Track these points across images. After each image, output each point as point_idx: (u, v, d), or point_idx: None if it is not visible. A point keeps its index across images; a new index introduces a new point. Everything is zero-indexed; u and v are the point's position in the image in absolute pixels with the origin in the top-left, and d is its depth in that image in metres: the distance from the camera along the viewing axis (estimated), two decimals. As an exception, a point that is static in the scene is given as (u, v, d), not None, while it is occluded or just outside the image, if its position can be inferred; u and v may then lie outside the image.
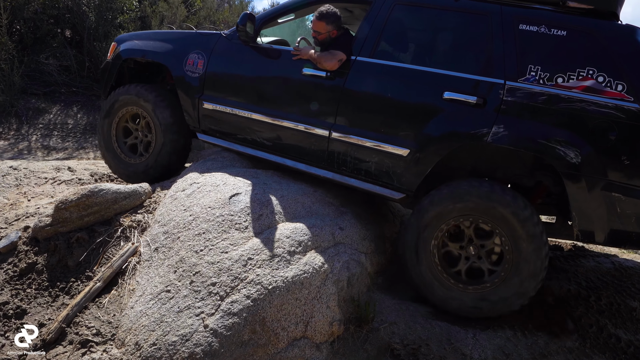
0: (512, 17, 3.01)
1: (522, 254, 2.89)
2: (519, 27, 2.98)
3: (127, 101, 4.23)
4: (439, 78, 3.13)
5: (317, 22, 3.53)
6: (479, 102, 2.99)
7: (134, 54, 4.26)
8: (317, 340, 2.63)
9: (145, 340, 2.49)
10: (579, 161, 2.77)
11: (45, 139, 7.07)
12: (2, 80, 7.11)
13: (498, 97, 2.96)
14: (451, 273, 3.10)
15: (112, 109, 4.31)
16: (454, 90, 3.05)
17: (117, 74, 4.42)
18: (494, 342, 2.86)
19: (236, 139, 3.91)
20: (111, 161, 4.36)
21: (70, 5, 8.17)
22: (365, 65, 3.36)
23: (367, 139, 3.31)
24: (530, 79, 2.91)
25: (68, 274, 3.10)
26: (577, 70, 2.82)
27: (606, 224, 2.81)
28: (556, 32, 2.90)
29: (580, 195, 2.81)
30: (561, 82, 2.85)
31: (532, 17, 2.98)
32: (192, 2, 10.38)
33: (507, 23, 3.02)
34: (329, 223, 3.16)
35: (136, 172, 4.19)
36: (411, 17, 3.47)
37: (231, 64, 3.89)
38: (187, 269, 2.75)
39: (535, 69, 2.91)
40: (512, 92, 2.93)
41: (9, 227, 3.49)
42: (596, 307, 3.26)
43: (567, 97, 2.82)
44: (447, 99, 3.06)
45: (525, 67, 2.93)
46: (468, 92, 3.03)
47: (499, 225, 2.93)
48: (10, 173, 4.67)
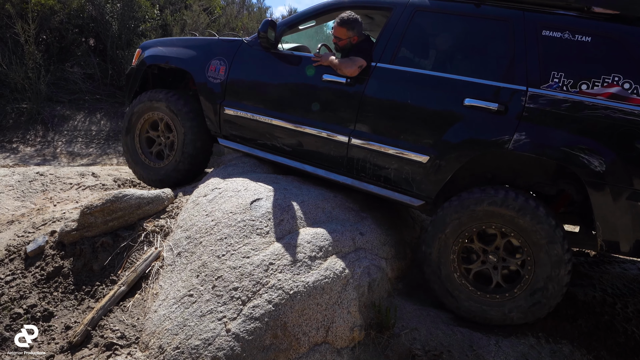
0: (535, 23, 2.97)
1: (541, 261, 2.83)
2: (542, 33, 2.93)
3: (142, 109, 4.32)
4: (459, 85, 3.10)
5: (338, 28, 3.55)
6: (501, 109, 2.94)
7: (157, 60, 4.35)
8: (338, 346, 2.63)
9: (168, 344, 2.52)
10: (604, 170, 2.69)
11: (70, 145, 7.23)
12: (29, 88, 7.31)
13: (520, 104, 2.91)
14: (472, 281, 3.05)
15: (130, 123, 4.42)
16: (475, 97, 3.01)
17: (141, 80, 4.51)
18: (517, 349, 2.82)
19: (257, 145, 3.94)
20: (142, 172, 4.45)
21: (94, 15, 8.37)
22: (385, 72, 3.35)
23: (386, 146, 3.30)
24: (554, 85, 2.85)
25: (93, 277, 3.16)
26: (602, 76, 2.75)
27: (632, 234, 2.72)
28: (580, 37, 2.84)
29: (605, 205, 2.73)
30: (585, 89, 2.79)
31: (555, 23, 2.92)
32: (212, 10, 10.52)
33: (529, 29, 2.97)
34: (349, 228, 3.17)
35: (167, 173, 4.27)
36: (432, 23, 3.45)
37: (252, 70, 3.93)
38: (210, 273, 2.78)
39: (559, 76, 2.85)
40: (534, 99, 2.88)
41: (37, 231, 3.58)
42: (622, 315, 3.19)
43: (592, 104, 2.75)
44: (468, 106, 3.02)
45: (548, 74, 2.87)
46: (489, 98, 2.98)
47: (520, 234, 2.87)
48: (37, 179, 4.78)
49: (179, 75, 4.65)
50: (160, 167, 4.34)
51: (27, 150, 6.87)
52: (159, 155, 4.43)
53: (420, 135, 3.20)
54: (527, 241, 2.86)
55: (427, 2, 3.37)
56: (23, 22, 7.28)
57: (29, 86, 7.31)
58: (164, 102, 4.18)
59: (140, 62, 4.47)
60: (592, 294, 3.34)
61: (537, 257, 2.85)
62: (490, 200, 2.91)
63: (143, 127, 4.40)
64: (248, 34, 10.04)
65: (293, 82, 3.75)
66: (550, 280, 2.83)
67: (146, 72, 4.50)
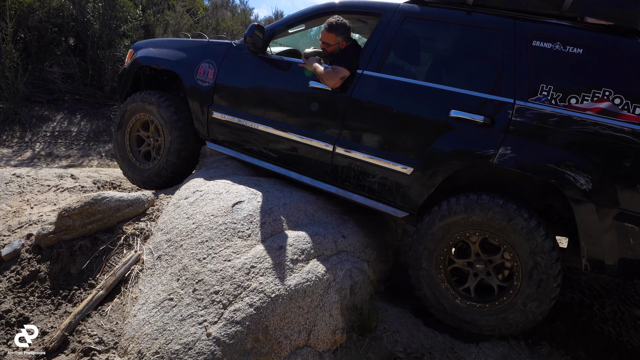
0: (525, 33, 2.87)
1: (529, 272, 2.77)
2: (532, 43, 2.84)
3: (135, 108, 4.30)
4: (445, 95, 3.03)
5: (327, 34, 3.49)
6: (487, 121, 2.86)
7: (149, 62, 4.31)
8: (320, 349, 2.63)
9: (148, 349, 2.48)
10: (590, 188, 2.61)
11: (48, 146, 7.10)
12: (6, 88, 7.16)
13: (506, 117, 2.82)
14: (459, 291, 3.01)
15: (122, 120, 4.41)
16: (461, 109, 2.94)
17: (133, 80, 4.48)
18: (497, 351, 2.85)
19: (243, 149, 3.91)
20: (127, 170, 4.45)
21: (74, 14, 8.24)
22: (371, 80, 3.28)
23: (370, 155, 3.25)
24: (542, 99, 2.77)
25: (71, 281, 3.10)
26: (592, 91, 2.66)
27: (617, 255, 2.64)
28: (572, 49, 2.74)
29: (590, 224, 2.65)
30: (575, 103, 2.69)
31: (546, 34, 2.83)
32: (196, 10, 10.45)
33: (519, 39, 2.88)
34: (331, 231, 3.17)
35: (150, 177, 4.27)
36: (420, 31, 3.39)
37: (240, 74, 3.88)
38: (190, 277, 2.75)
39: (548, 89, 2.76)
40: (521, 112, 2.79)
41: (12, 234, 3.50)
42: (600, 316, 3.24)
43: (580, 120, 2.66)
44: (454, 117, 2.95)
45: (537, 86, 2.79)
46: (475, 110, 2.91)
47: (505, 240, 2.81)
48: (14, 180, 4.68)
49: (172, 76, 4.61)
50: (145, 168, 4.34)
51: (4, 152, 6.72)
52: (146, 156, 4.42)
53: (405, 146, 3.14)
54: (517, 251, 2.79)
55: (417, 9, 3.29)
56: (0, 21, 7.13)
57: (5, 86, 7.16)
58: (155, 105, 4.15)
59: (132, 62, 4.43)
60: (570, 296, 3.39)
61: (525, 268, 2.78)
62: (480, 208, 2.85)
63: (134, 125, 4.39)
64: (232, 36, 9.99)
65: (280, 87, 3.70)
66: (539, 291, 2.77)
67: (138, 72, 4.46)
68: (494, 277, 2.95)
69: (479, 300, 2.96)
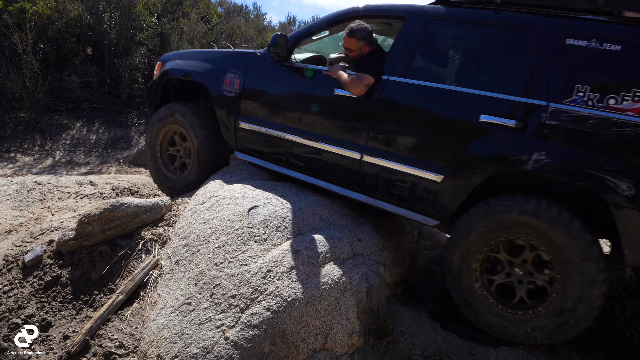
0: (558, 31, 2.73)
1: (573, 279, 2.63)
2: (565, 42, 2.69)
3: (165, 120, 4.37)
4: (475, 99, 2.91)
5: (348, 39, 3.43)
6: (519, 125, 2.74)
7: (177, 74, 4.36)
8: (337, 352, 2.63)
9: (167, 353, 2.52)
10: (633, 194, 2.46)
11: (68, 154, 7.24)
12: (27, 98, 7.33)
13: (540, 120, 2.70)
14: (499, 298, 2.89)
15: (153, 131, 4.49)
16: (491, 113, 2.82)
17: (162, 92, 4.55)
18: (516, 354, 2.81)
19: (271, 159, 3.89)
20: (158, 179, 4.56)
21: (92, 24, 8.41)
22: (397, 86, 3.20)
23: (398, 163, 3.16)
24: (578, 100, 2.62)
25: (91, 287, 3.16)
26: (633, 90, 2.50)
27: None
28: (609, 46, 2.58)
29: (634, 231, 2.50)
30: (613, 104, 2.54)
31: (581, 31, 2.67)
32: (210, 18, 10.57)
33: (552, 38, 2.74)
34: (347, 234, 3.17)
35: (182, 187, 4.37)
36: (447, 33, 3.28)
37: (265, 83, 3.87)
38: (208, 281, 2.78)
39: (584, 90, 2.61)
40: (556, 115, 2.66)
41: (34, 241, 3.58)
42: (621, 318, 3.19)
43: (620, 121, 2.50)
44: (484, 122, 2.83)
45: (571, 88, 2.64)
46: (506, 115, 2.78)
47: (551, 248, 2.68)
48: (35, 188, 4.79)
49: (199, 86, 4.65)
50: (177, 179, 4.42)
51: (25, 160, 6.88)
52: (178, 166, 4.50)
53: (434, 153, 3.04)
54: (558, 257, 2.67)
55: (442, 10, 3.19)
56: (21, 32, 7.31)
57: (26, 95, 7.33)
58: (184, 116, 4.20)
59: (161, 74, 4.49)
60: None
61: (568, 275, 2.65)
62: (521, 210, 2.72)
63: (165, 136, 4.47)
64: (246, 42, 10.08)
65: (305, 96, 3.66)
66: (580, 302, 2.63)
67: (167, 84, 4.53)
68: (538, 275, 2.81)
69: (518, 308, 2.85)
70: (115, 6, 8.50)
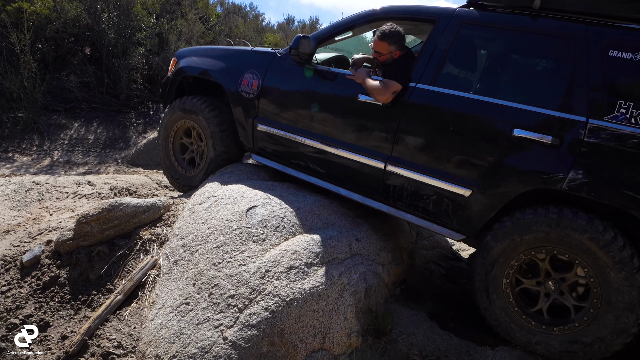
0: (600, 42, 2.55)
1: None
2: (608, 53, 2.52)
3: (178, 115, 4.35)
4: (508, 112, 2.74)
5: (379, 42, 3.26)
6: (555, 142, 2.59)
7: (192, 72, 4.28)
8: (335, 352, 2.63)
9: (165, 353, 2.52)
10: None
11: (66, 154, 7.23)
12: (25, 97, 7.32)
13: (578, 137, 2.53)
14: (530, 313, 2.78)
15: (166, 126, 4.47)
16: (525, 127, 2.66)
17: (177, 88, 4.51)
18: (514, 354, 2.82)
19: (290, 163, 3.77)
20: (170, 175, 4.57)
21: (90, 24, 8.40)
22: (425, 94, 3.03)
23: (424, 175, 3.03)
24: (620, 117, 2.45)
25: (89, 287, 3.16)
26: None
27: None
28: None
29: None
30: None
31: (626, 42, 2.49)
32: (208, 18, 10.57)
33: (593, 49, 2.56)
34: (345, 234, 3.18)
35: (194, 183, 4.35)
36: (479, 39, 3.13)
37: (285, 85, 3.74)
38: (206, 281, 2.78)
39: (627, 106, 2.44)
40: (595, 133, 2.50)
41: (32, 241, 3.57)
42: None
43: None
44: (517, 137, 2.68)
45: (614, 103, 2.47)
46: (542, 130, 2.63)
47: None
48: (33, 188, 4.78)
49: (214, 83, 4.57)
50: (189, 175, 4.42)
51: (23, 160, 6.87)
52: (189, 162, 4.49)
53: (462, 167, 2.89)
54: (599, 278, 2.52)
55: (475, 14, 3.02)
56: (18, 32, 7.30)
57: (24, 95, 7.32)
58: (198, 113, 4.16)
59: (176, 72, 4.42)
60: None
61: (601, 315, 2.53)
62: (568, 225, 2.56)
63: (178, 132, 4.45)
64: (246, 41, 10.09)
65: (327, 100, 3.50)
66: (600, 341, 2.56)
67: (181, 81, 4.47)
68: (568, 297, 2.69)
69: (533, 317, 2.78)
70: (114, 6, 8.50)
